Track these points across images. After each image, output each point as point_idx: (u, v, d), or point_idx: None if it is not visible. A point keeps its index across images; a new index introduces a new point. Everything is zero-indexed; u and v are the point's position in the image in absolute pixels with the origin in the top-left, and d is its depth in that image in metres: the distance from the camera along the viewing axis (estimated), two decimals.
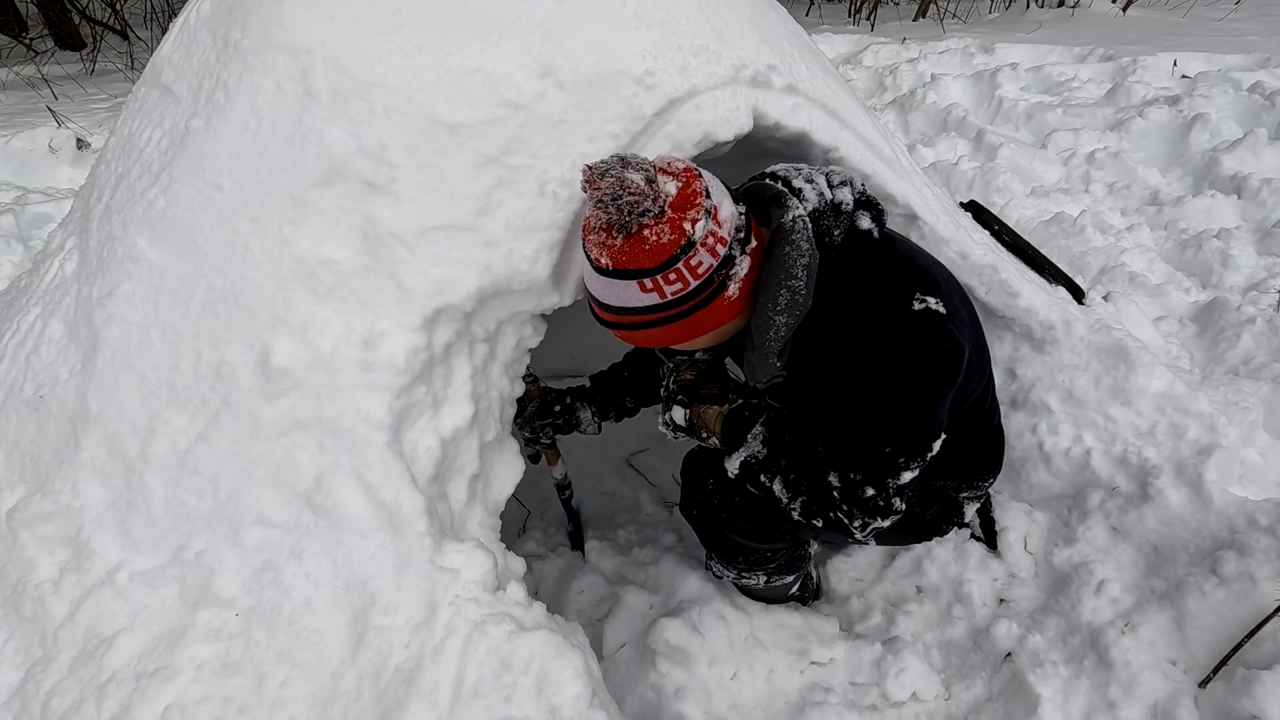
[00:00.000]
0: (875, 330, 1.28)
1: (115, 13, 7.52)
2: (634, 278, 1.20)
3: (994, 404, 1.67)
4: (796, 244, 1.25)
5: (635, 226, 1.17)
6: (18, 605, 1.44)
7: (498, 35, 1.43)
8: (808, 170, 1.37)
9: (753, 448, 1.52)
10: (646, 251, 1.18)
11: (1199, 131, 3.85)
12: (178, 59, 1.65)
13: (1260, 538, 1.63)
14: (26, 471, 1.56)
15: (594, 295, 1.30)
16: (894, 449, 1.33)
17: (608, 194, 1.15)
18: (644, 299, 1.22)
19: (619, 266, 1.21)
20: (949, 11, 7.67)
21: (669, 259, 1.18)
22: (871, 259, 1.33)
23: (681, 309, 1.23)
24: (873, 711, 1.71)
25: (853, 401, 1.31)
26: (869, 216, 1.35)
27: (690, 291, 1.21)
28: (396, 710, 1.25)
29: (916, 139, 4.42)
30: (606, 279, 1.23)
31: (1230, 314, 2.67)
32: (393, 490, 1.36)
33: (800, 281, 1.25)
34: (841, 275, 1.30)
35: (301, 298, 1.41)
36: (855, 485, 1.36)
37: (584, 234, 1.26)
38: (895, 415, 1.30)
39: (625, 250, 1.19)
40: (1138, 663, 1.58)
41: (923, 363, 1.27)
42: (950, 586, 1.89)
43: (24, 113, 5.22)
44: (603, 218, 1.19)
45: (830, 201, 1.32)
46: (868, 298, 1.30)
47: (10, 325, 1.74)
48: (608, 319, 1.30)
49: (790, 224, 1.26)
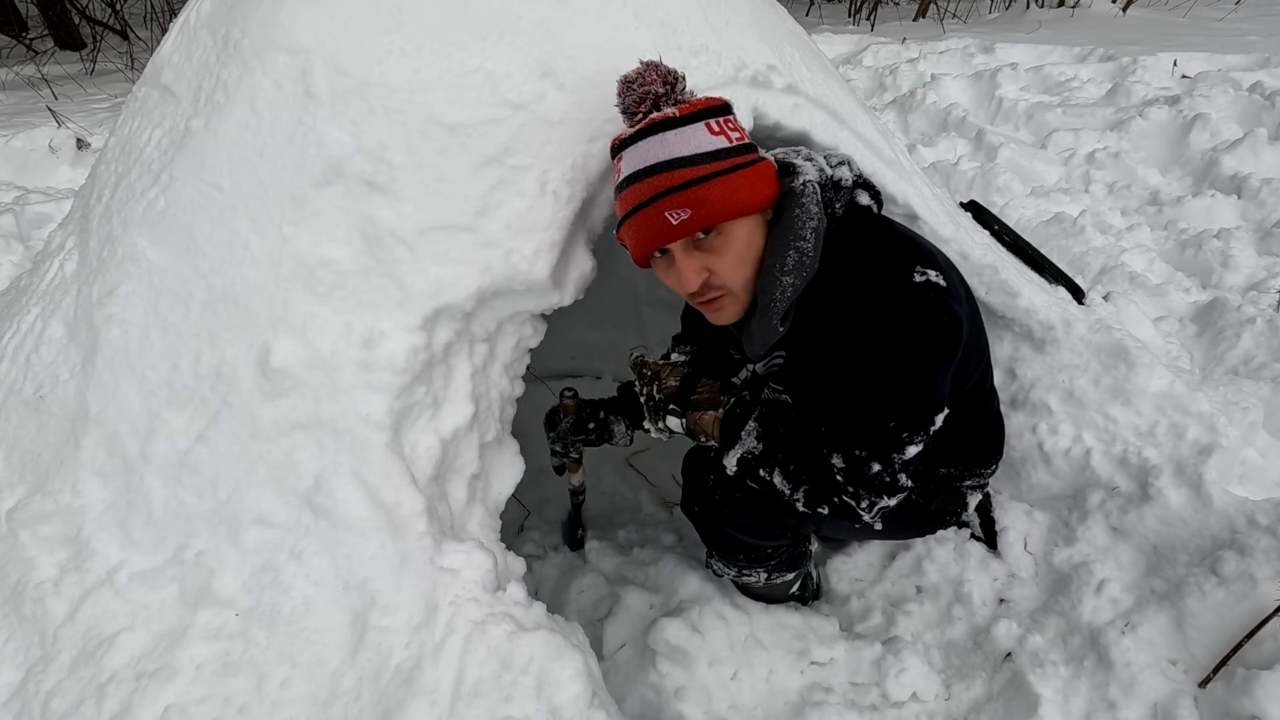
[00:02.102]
0: (877, 300, 1.27)
1: (115, 13, 7.53)
2: (702, 118, 1.25)
3: (993, 390, 1.68)
4: (806, 207, 1.28)
5: (675, 99, 1.27)
6: (18, 605, 1.44)
7: (498, 35, 1.43)
8: (806, 150, 1.40)
9: (748, 444, 1.51)
10: (704, 100, 1.28)
11: (1199, 131, 3.85)
12: (178, 59, 1.65)
13: (1260, 538, 1.62)
14: (26, 471, 1.56)
15: (658, 162, 1.24)
16: (898, 423, 1.31)
17: (646, 73, 1.26)
18: (714, 141, 1.24)
19: (686, 112, 1.25)
20: (949, 11, 7.67)
21: (724, 105, 1.29)
22: (872, 232, 1.36)
23: (745, 159, 1.26)
24: (873, 711, 1.71)
25: (854, 375, 1.30)
26: (868, 194, 1.39)
27: (746, 144, 1.28)
28: (396, 710, 1.25)
29: (916, 139, 4.42)
30: (672, 132, 1.24)
31: (1230, 314, 2.67)
32: (393, 490, 1.36)
33: (808, 243, 1.27)
34: (844, 244, 1.32)
35: (301, 298, 1.41)
36: (860, 463, 1.34)
37: (623, 137, 1.29)
38: (897, 388, 1.29)
39: (685, 105, 1.26)
40: (1138, 663, 1.58)
41: (923, 334, 1.26)
42: (950, 586, 1.89)
43: (24, 113, 5.22)
44: (651, 95, 1.26)
45: (831, 177, 1.35)
46: (870, 267, 1.30)
47: (10, 325, 1.74)
48: (680, 178, 1.22)
49: (800, 188, 1.30)
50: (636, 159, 1.26)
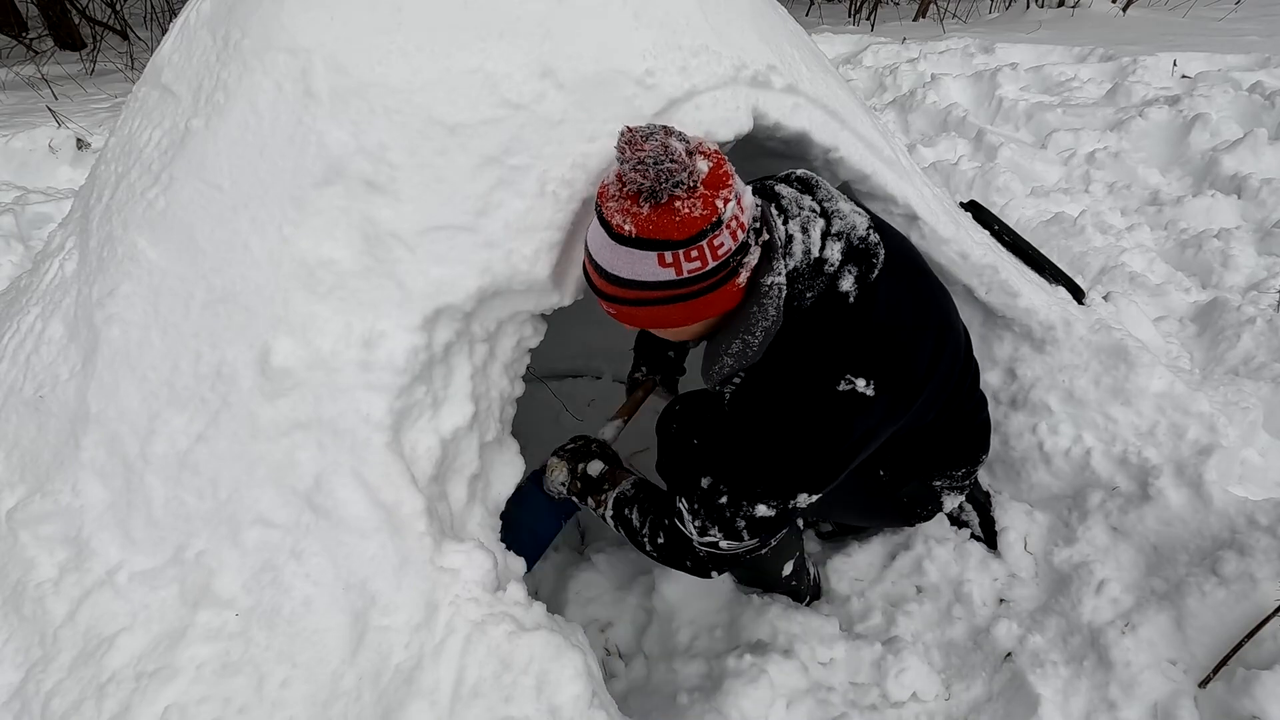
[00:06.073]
0: (795, 400, 1.33)
1: (115, 13, 7.52)
2: (656, 249, 1.18)
3: (975, 404, 1.70)
4: (765, 308, 1.29)
5: (666, 196, 1.15)
6: (18, 605, 1.44)
7: (498, 35, 1.43)
8: (808, 210, 1.36)
9: (623, 487, 1.64)
10: (676, 223, 1.16)
11: (1199, 131, 3.85)
12: (178, 59, 1.65)
13: (1260, 538, 1.63)
14: (26, 471, 1.56)
15: (602, 265, 1.25)
16: (764, 488, 1.38)
17: (650, 157, 1.12)
18: (660, 274, 1.20)
19: (644, 235, 1.17)
20: (949, 11, 7.67)
21: (698, 234, 1.17)
22: (826, 328, 1.34)
23: (693, 289, 1.22)
24: (873, 711, 1.71)
25: (754, 440, 1.37)
26: (854, 276, 1.34)
27: (706, 272, 1.21)
28: (396, 710, 1.25)
29: (916, 139, 4.42)
30: (624, 248, 1.19)
31: (1230, 314, 2.66)
32: (393, 490, 1.36)
33: (755, 339, 1.31)
34: (791, 338, 1.33)
35: (301, 298, 1.41)
36: (715, 491, 1.42)
37: (601, 199, 1.22)
38: (779, 464, 1.37)
39: (653, 219, 1.16)
40: (1138, 663, 1.58)
41: (824, 439, 1.34)
42: (950, 586, 1.89)
43: (24, 113, 5.21)
44: (635, 183, 1.15)
45: (814, 260, 1.32)
46: (801, 368, 1.33)
47: (10, 325, 1.74)
48: (611, 292, 1.26)
49: (768, 288, 1.29)
50: (597, 240, 1.24)
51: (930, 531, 1.97)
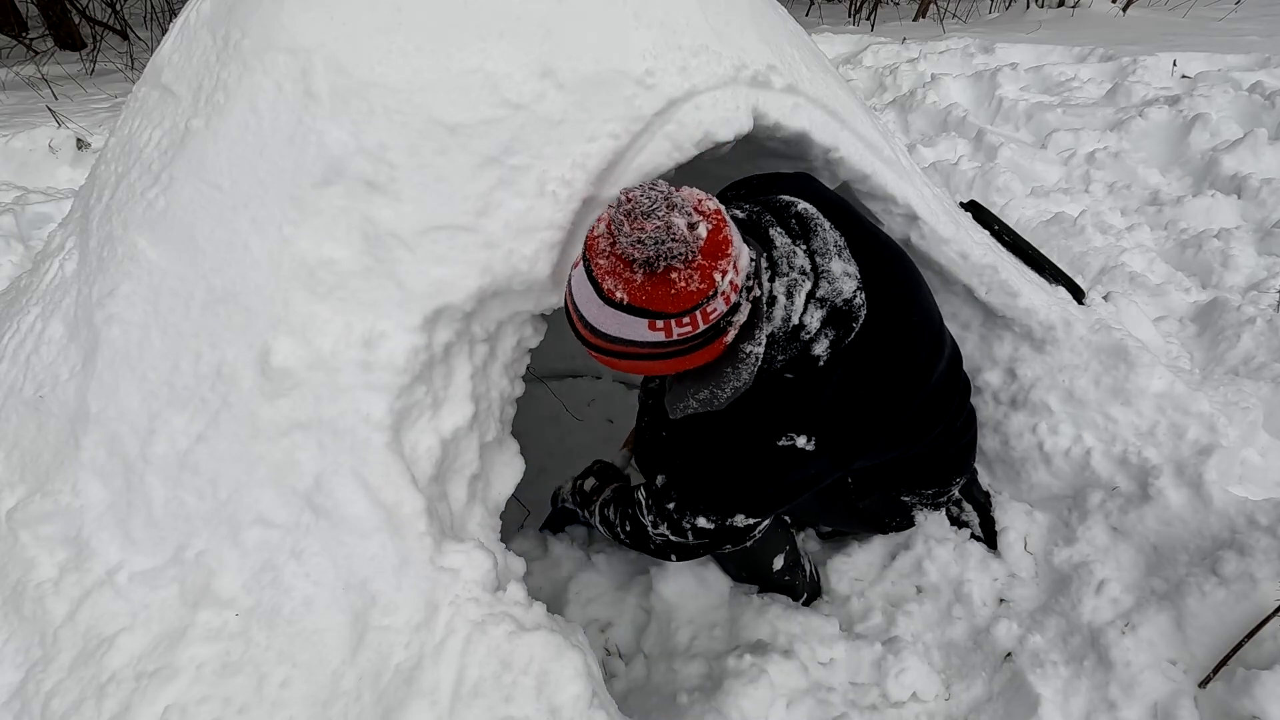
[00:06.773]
0: (735, 446, 1.44)
1: (115, 13, 7.52)
2: (647, 317, 1.15)
3: (964, 420, 1.75)
4: (739, 371, 1.31)
5: (663, 267, 1.11)
6: (18, 605, 1.44)
7: (498, 35, 1.43)
8: (798, 273, 1.32)
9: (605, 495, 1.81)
10: (671, 296, 1.12)
11: (1199, 131, 3.84)
12: (178, 59, 1.65)
13: (1260, 538, 1.62)
14: (26, 471, 1.56)
15: (588, 319, 1.21)
16: (705, 504, 1.51)
17: (650, 238, 1.08)
18: (649, 336, 1.17)
19: (636, 304, 1.14)
20: (949, 11, 7.66)
21: (692, 306, 1.14)
22: (784, 392, 1.38)
23: (681, 348, 1.21)
24: (873, 711, 1.71)
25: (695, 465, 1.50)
26: (829, 340, 1.34)
27: (696, 335, 1.19)
28: (396, 710, 1.25)
29: (916, 139, 4.42)
30: (614, 311, 1.16)
31: (1230, 314, 2.66)
32: (393, 490, 1.36)
33: (724, 395, 1.34)
34: (751, 395, 1.36)
35: (301, 298, 1.41)
36: (665, 493, 1.55)
37: (592, 254, 1.16)
38: (715, 493, 1.50)
39: (646, 289, 1.12)
40: (1138, 663, 1.58)
41: (760, 484, 1.46)
42: (950, 586, 1.89)
43: (24, 113, 5.21)
44: (631, 254, 1.11)
45: (792, 327, 1.32)
46: (747, 420, 1.40)
47: (10, 325, 1.74)
48: (596, 344, 1.23)
49: (745, 355, 1.30)
50: (584, 294, 1.19)
51: (930, 531, 1.97)
